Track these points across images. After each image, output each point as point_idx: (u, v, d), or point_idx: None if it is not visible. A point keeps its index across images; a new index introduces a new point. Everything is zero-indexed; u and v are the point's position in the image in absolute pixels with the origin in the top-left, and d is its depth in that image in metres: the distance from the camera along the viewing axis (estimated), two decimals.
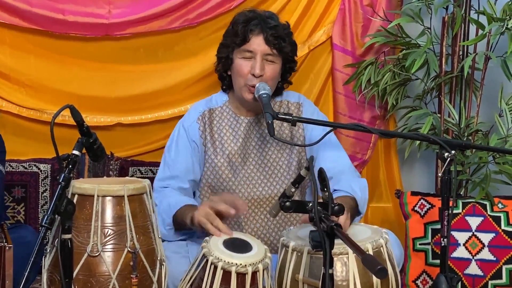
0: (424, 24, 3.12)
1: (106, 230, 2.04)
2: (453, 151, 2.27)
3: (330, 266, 1.73)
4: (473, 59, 3.03)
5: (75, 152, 1.95)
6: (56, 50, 3.10)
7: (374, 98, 3.26)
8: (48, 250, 2.09)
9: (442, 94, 3.13)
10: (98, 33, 3.08)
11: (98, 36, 3.09)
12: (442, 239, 2.31)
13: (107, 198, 2.06)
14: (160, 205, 2.48)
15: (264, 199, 2.64)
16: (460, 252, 2.87)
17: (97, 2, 3.06)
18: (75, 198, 2.03)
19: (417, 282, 2.93)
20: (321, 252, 1.73)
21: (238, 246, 2.19)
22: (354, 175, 2.67)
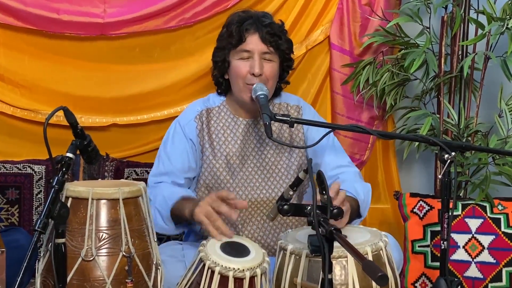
0: (423, 23, 3.11)
1: (101, 234, 2.01)
2: (453, 153, 2.25)
3: (329, 271, 1.69)
4: (472, 59, 3.01)
5: (69, 154, 1.92)
6: (51, 50, 3.07)
7: (372, 98, 3.24)
8: (41, 254, 2.06)
9: (441, 94, 3.10)
10: (93, 32, 3.05)
11: (93, 35, 3.06)
12: (442, 242, 2.28)
13: (102, 201, 2.03)
14: (155, 199, 2.44)
15: (262, 201, 2.61)
16: (460, 255, 2.84)
17: (92, 1, 3.03)
18: (69, 201, 2.00)
19: (416, 284, 2.91)
20: (320, 256, 1.69)
21: (236, 250, 2.17)
22: (358, 180, 2.65)
